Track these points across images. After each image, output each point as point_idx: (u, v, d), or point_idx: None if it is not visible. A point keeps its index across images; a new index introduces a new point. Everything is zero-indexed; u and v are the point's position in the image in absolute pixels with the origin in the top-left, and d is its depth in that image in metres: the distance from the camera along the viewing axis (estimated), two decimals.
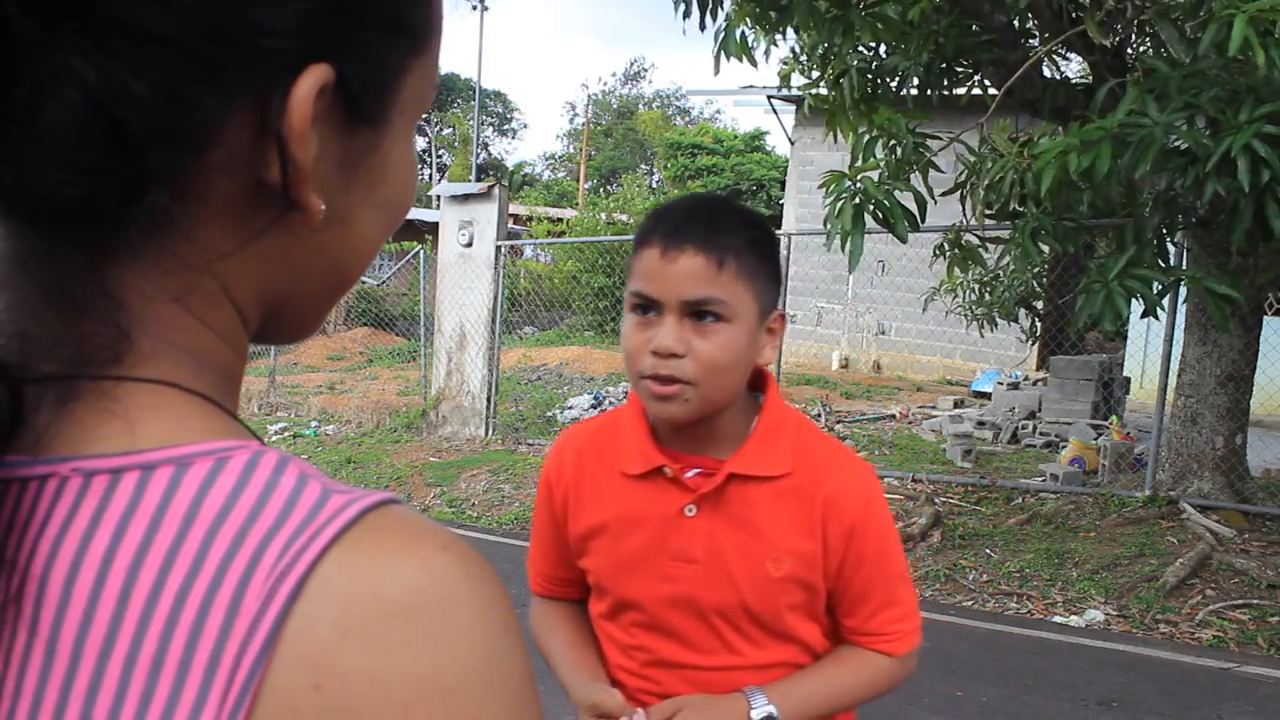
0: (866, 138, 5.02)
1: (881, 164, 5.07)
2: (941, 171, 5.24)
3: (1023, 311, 7.64)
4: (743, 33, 5.16)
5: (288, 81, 0.40)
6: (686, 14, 5.07)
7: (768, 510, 1.20)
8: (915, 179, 5.12)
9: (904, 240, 4.70)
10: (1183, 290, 5.07)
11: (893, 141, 5.07)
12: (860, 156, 5.02)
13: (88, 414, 0.39)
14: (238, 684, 0.36)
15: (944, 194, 5.27)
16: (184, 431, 0.40)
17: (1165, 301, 5.50)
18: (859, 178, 4.65)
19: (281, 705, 0.36)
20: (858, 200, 4.59)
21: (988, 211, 5.46)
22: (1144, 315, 4.67)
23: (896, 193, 4.67)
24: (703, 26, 5.11)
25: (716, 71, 5.44)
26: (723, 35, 5.13)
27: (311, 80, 0.40)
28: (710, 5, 5.07)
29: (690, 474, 1.22)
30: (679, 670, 1.23)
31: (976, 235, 6.32)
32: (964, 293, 7.38)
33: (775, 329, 1.23)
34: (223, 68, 0.38)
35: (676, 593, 1.21)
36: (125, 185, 0.38)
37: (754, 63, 5.25)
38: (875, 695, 1.26)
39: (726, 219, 1.18)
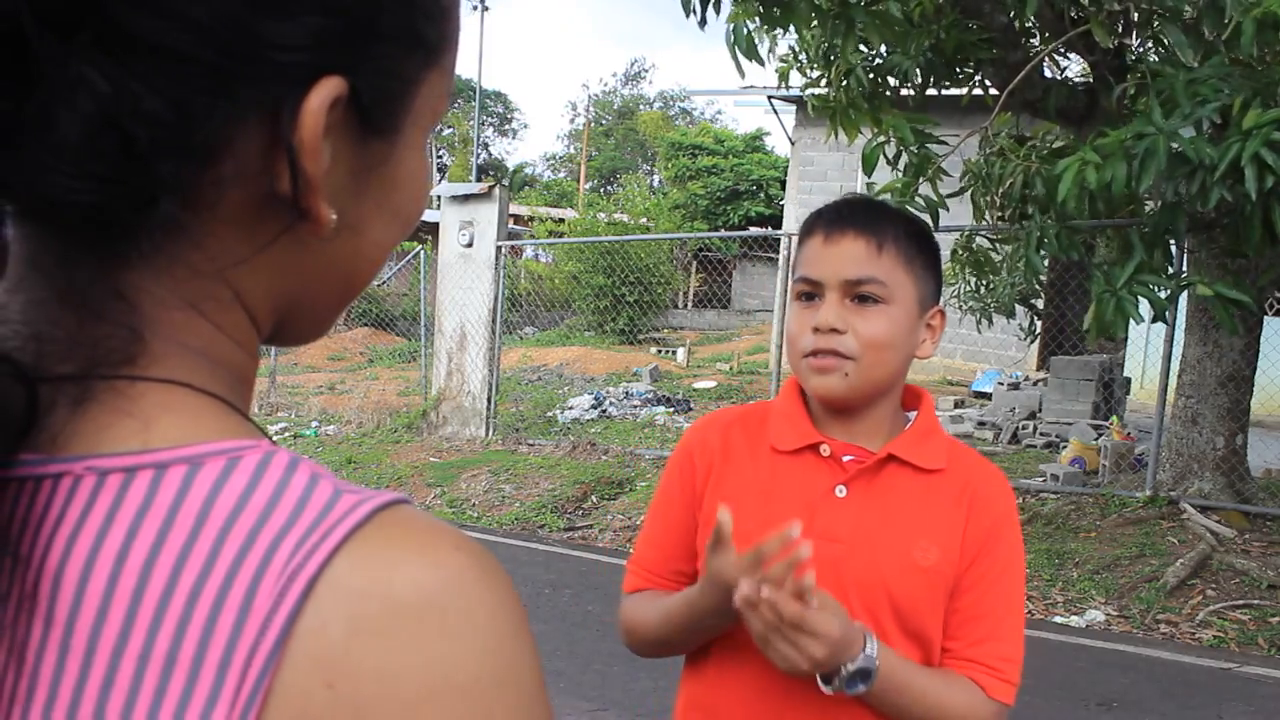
0: (874, 145, 5.01)
1: (900, 180, 5.07)
2: (950, 175, 5.24)
3: (1021, 310, 7.62)
4: (748, 31, 5.16)
5: (299, 94, 0.40)
6: (690, 12, 5.07)
7: (919, 500, 1.20)
8: (925, 187, 5.12)
9: None
10: (1184, 293, 5.07)
11: (899, 149, 5.06)
12: (866, 166, 5.02)
13: (102, 413, 0.40)
14: (250, 681, 0.36)
15: (950, 195, 5.27)
16: (197, 431, 0.41)
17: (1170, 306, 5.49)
18: (877, 196, 4.66)
19: (293, 703, 0.36)
20: None
21: (1000, 217, 5.47)
22: (1154, 320, 4.68)
23: (909, 205, 4.68)
24: (703, 23, 5.10)
25: (742, 75, 5.41)
26: (733, 35, 5.12)
27: (323, 93, 0.40)
28: (714, 2, 5.06)
29: (845, 458, 1.22)
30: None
31: (988, 238, 6.33)
32: (961, 285, 7.36)
33: (935, 325, 1.26)
34: (234, 81, 0.39)
35: (818, 572, 1.13)
36: (136, 194, 0.39)
37: (761, 61, 5.25)
38: None
39: (886, 209, 1.24)
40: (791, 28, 5.38)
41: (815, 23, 5.21)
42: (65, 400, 0.40)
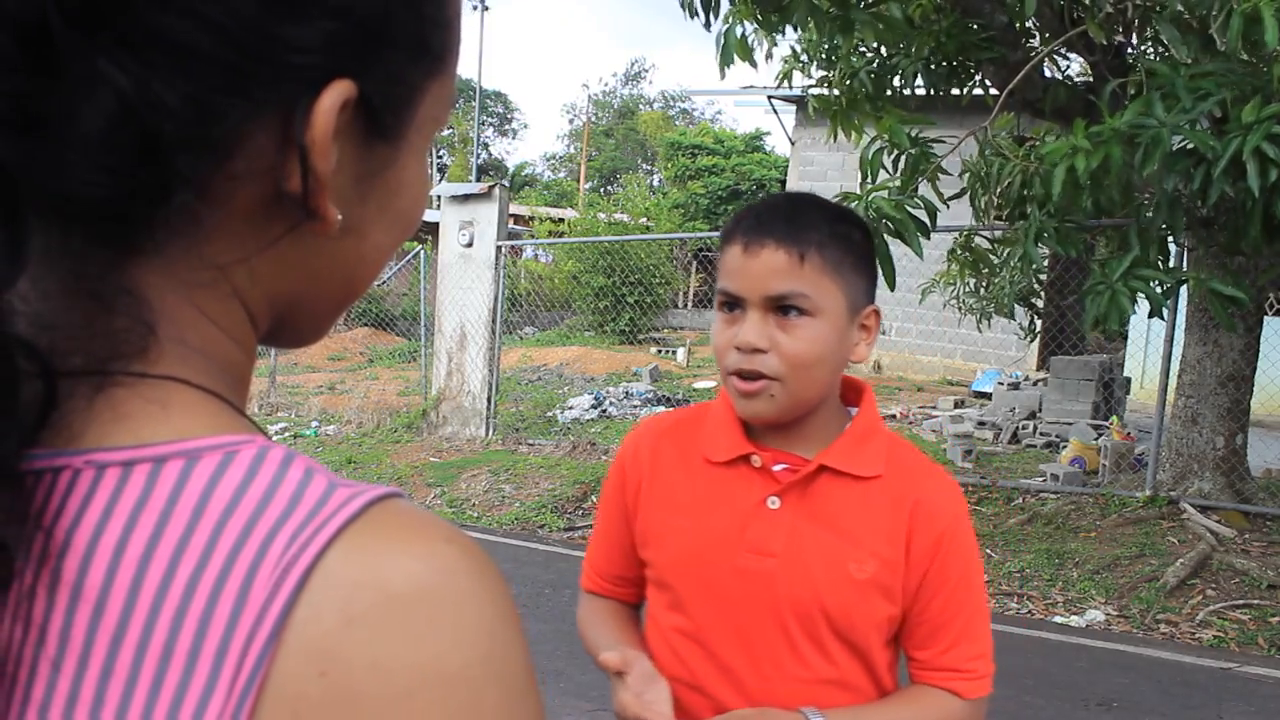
0: (874, 149, 5.01)
1: (895, 179, 5.07)
2: (949, 174, 5.24)
3: (1021, 309, 7.62)
4: (743, 33, 5.16)
5: (312, 95, 0.41)
6: (693, 14, 5.07)
7: (855, 510, 1.16)
8: (924, 187, 5.12)
9: (919, 254, 4.69)
10: (1184, 291, 5.07)
11: (897, 151, 5.06)
12: (869, 171, 5.02)
13: (105, 408, 0.41)
14: (245, 671, 0.37)
15: (952, 198, 5.27)
16: (193, 426, 0.41)
17: (1168, 301, 5.50)
18: (870, 197, 4.66)
19: (288, 692, 0.37)
20: (870, 216, 4.61)
21: (997, 215, 5.47)
22: (1150, 316, 4.68)
23: (907, 205, 4.68)
24: (708, 25, 5.10)
25: (723, 76, 5.43)
26: (724, 40, 5.12)
27: (335, 95, 0.42)
28: (714, 5, 5.06)
29: (777, 468, 1.18)
30: (736, 680, 1.16)
31: (985, 238, 6.33)
32: (960, 284, 7.36)
33: (869, 325, 1.20)
34: (250, 80, 0.40)
35: (750, 587, 1.15)
36: (152, 188, 0.40)
37: (754, 64, 5.25)
38: None
39: (809, 213, 1.16)
40: (791, 29, 5.39)
41: (812, 24, 5.20)
42: (76, 394, 0.40)
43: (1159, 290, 4.50)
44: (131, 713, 0.37)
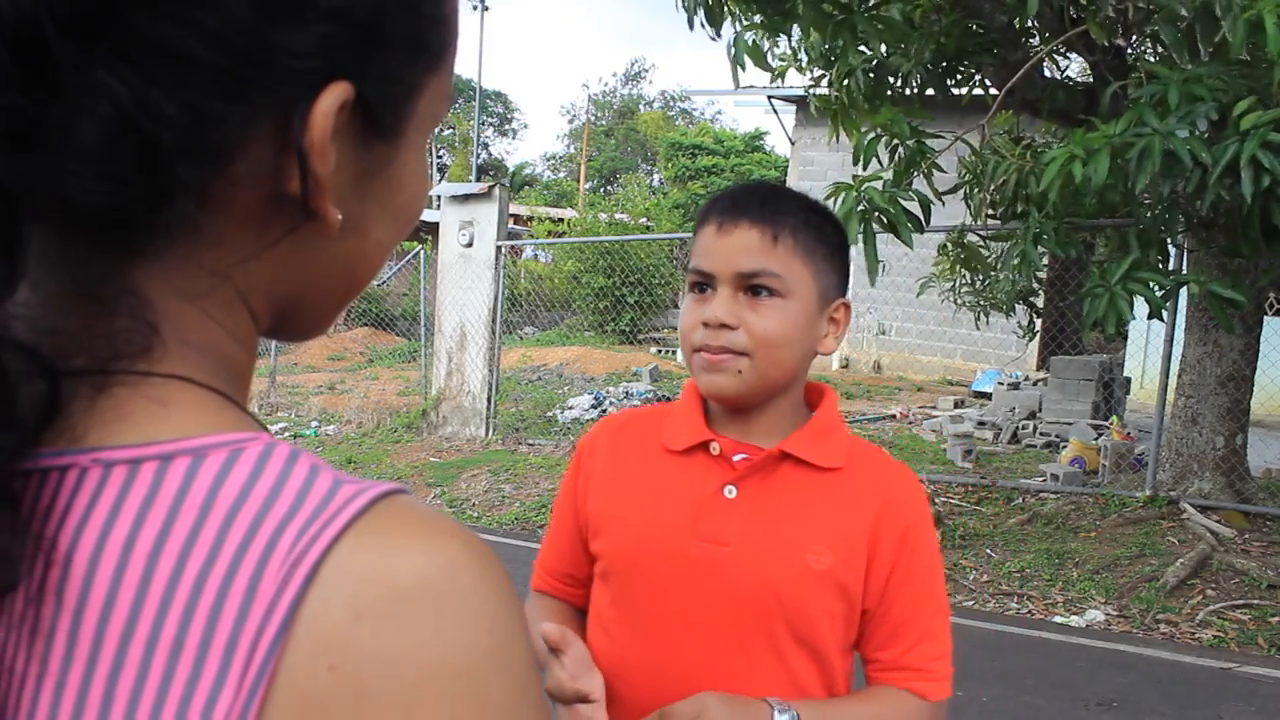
0: (869, 137, 5.02)
1: (888, 169, 5.07)
2: (944, 171, 5.24)
3: (1020, 307, 7.62)
4: (753, 39, 5.17)
5: (309, 98, 0.42)
6: (699, 25, 5.08)
7: (815, 501, 1.14)
8: (919, 181, 5.12)
9: (910, 246, 4.69)
10: (1184, 291, 5.07)
11: (895, 143, 5.06)
12: (863, 158, 5.02)
13: (109, 407, 0.41)
14: (255, 664, 0.37)
15: (945, 193, 5.27)
16: (199, 424, 0.42)
17: (1167, 303, 5.50)
18: (863, 187, 4.66)
19: (297, 685, 0.37)
20: (862, 208, 4.60)
21: (990, 212, 5.47)
22: (1150, 317, 4.68)
23: (901, 198, 4.68)
24: (718, 34, 5.10)
25: (736, 84, 5.44)
26: (735, 46, 5.13)
27: (332, 98, 0.42)
28: (717, 17, 5.07)
29: (737, 457, 1.16)
30: (679, 673, 1.12)
31: (979, 234, 6.33)
32: (957, 280, 7.35)
33: (838, 318, 1.19)
34: (248, 86, 0.40)
35: (701, 577, 1.12)
36: (152, 195, 0.40)
37: (769, 68, 5.26)
38: None
39: (784, 199, 1.17)
40: (796, 31, 5.39)
41: (814, 27, 5.21)
42: (79, 394, 0.41)
43: (1158, 293, 4.50)
44: (143, 706, 0.37)
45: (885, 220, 4.63)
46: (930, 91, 5.74)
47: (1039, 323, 10.47)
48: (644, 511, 1.17)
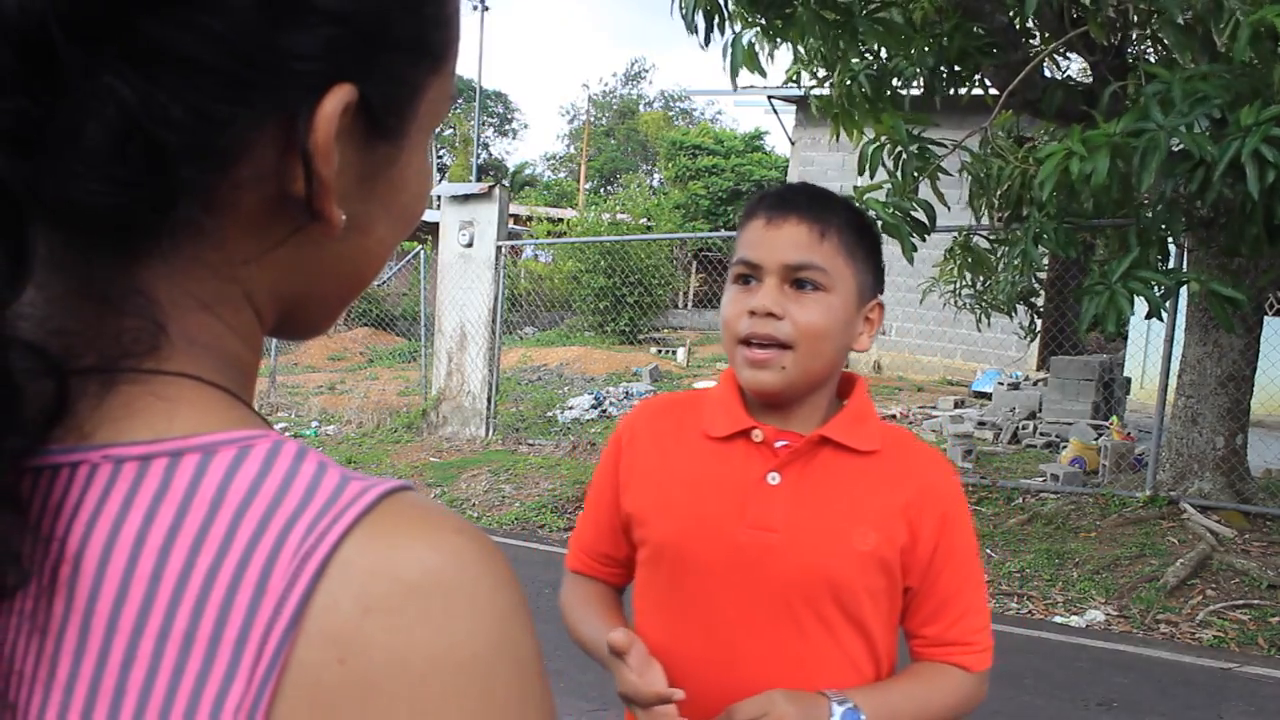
0: (873, 148, 5.01)
1: (893, 177, 5.06)
2: (948, 174, 5.24)
3: (1022, 308, 7.62)
4: (750, 42, 5.16)
5: (314, 101, 0.42)
6: (693, 30, 5.07)
7: (855, 484, 1.17)
8: (923, 188, 5.11)
9: (910, 259, 4.66)
10: (1184, 291, 5.07)
11: (898, 150, 5.06)
12: (868, 167, 5.01)
13: (119, 405, 0.42)
14: (266, 658, 0.38)
15: (950, 195, 5.26)
16: (208, 421, 0.42)
17: (1166, 302, 5.50)
18: (864, 198, 4.66)
19: (307, 678, 0.38)
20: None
21: (998, 216, 5.46)
22: (1148, 317, 4.68)
23: (904, 205, 4.67)
24: (707, 42, 5.10)
25: (734, 88, 5.45)
26: (731, 50, 5.12)
27: (336, 100, 0.42)
28: (718, 21, 5.06)
29: (779, 444, 1.19)
30: (736, 657, 1.15)
31: (984, 237, 6.32)
32: (959, 282, 7.36)
33: (873, 318, 1.23)
34: (253, 89, 0.41)
35: (751, 563, 1.15)
36: (158, 197, 0.40)
37: (763, 73, 5.25)
38: (952, 718, 1.19)
39: (830, 198, 1.22)
40: (796, 37, 5.39)
41: (817, 31, 5.20)
42: (88, 392, 0.41)
43: (1158, 292, 4.50)
44: (154, 699, 0.37)
45: (887, 228, 4.62)
46: (933, 95, 5.74)
47: (1039, 323, 10.46)
48: (690, 499, 1.20)
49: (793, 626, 1.15)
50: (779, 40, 5.34)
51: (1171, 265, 5.45)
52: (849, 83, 5.53)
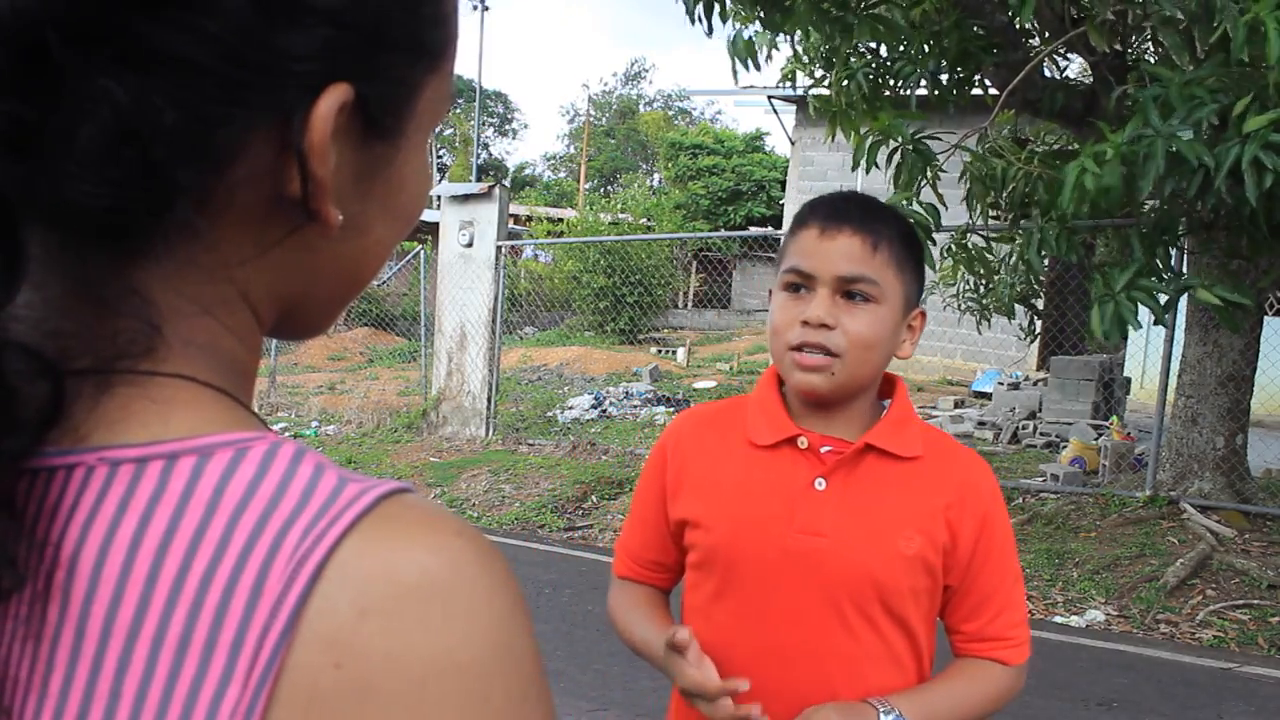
0: (869, 142, 5.01)
1: (889, 177, 5.06)
2: (946, 172, 5.23)
3: (1021, 309, 7.63)
4: (749, 36, 5.17)
5: (309, 101, 0.42)
6: (696, 20, 5.07)
7: (899, 489, 1.21)
8: (925, 191, 5.11)
9: None
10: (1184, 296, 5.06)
11: (895, 149, 5.05)
12: (863, 164, 5.01)
13: (115, 407, 0.41)
14: (261, 661, 0.37)
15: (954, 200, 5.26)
16: (205, 423, 0.42)
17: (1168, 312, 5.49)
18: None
19: (303, 682, 0.37)
20: None
21: (994, 213, 5.46)
22: (1155, 324, 4.68)
23: (905, 212, 4.67)
24: (710, 31, 5.10)
25: (736, 81, 5.46)
26: (734, 41, 5.13)
27: (332, 100, 0.42)
28: (719, 9, 5.06)
29: (823, 450, 1.22)
30: (786, 658, 1.18)
31: (982, 236, 6.32)
32: (959, 283, 7.36)
33: (915, 326, 1.26)
34: (249, 90, 0.40)
35: (800, 567, 1.19)
36: (153, 198, 0.40)
37: (758, 67, 5.26)
38: (993, 711, 1.23)
39: (882, 210, 1.24)
40: (795, 32, 5.39)
41: (815, 27, 5.20)
42: (84, 394, 0.41)
43: (1162, 301, 4.49)
44: (149, 704, 0.37)
45: None
46: (933, 94, 5.74)
47: (1039, 324, 10.46)
48: (740, 506, 1.23)
49: (840, 626, 1.19)
50: (778, 34, 5.33)
51: (1172, 267, 5.45)
52: (846, 82, 5.53)
